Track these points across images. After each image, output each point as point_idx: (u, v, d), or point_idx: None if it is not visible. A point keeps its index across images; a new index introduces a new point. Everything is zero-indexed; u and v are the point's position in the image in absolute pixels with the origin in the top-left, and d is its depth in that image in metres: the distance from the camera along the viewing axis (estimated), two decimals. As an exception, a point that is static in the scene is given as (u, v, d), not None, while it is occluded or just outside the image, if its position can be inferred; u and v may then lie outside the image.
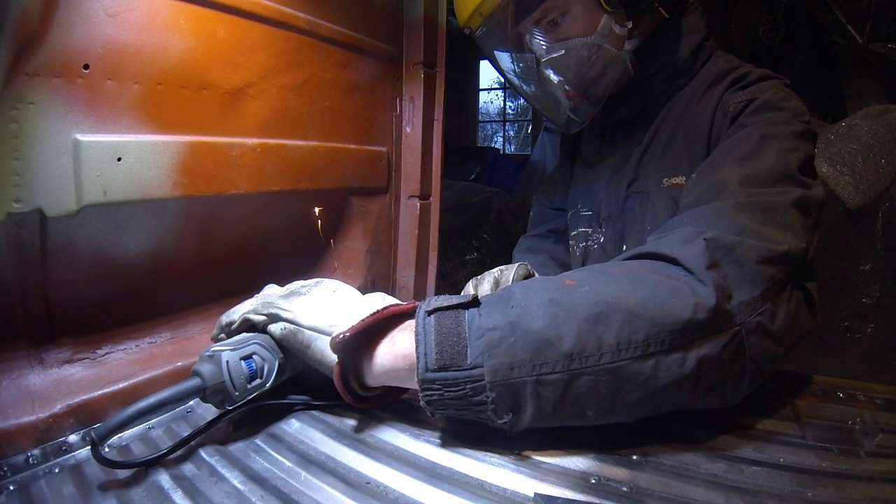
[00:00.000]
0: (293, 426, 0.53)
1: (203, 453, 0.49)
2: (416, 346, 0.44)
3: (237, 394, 0.50)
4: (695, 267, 0.46)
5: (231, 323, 0.56)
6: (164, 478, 0.45)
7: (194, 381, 0.49)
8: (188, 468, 0.47)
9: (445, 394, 0.43)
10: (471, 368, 0.43)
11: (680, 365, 0.43)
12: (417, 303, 0.49)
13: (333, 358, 0.48)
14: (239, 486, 0.43)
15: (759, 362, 0.46)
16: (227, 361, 0.50)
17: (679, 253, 0.47)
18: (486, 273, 0.87)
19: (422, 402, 0.45)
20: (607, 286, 0.45)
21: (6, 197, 0.48)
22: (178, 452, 0.49)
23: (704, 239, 0.47)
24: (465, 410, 0.44)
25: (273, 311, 0.53)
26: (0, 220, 0.48)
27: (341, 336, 0.47)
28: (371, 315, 0.48)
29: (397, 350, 0.48)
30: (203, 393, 0.49)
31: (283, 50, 0.74)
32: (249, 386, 0.51)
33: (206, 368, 0.49)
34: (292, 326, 0.52)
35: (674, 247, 0.49)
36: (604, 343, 0.42)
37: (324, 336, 0.50)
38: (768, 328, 0.46)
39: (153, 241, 0.64)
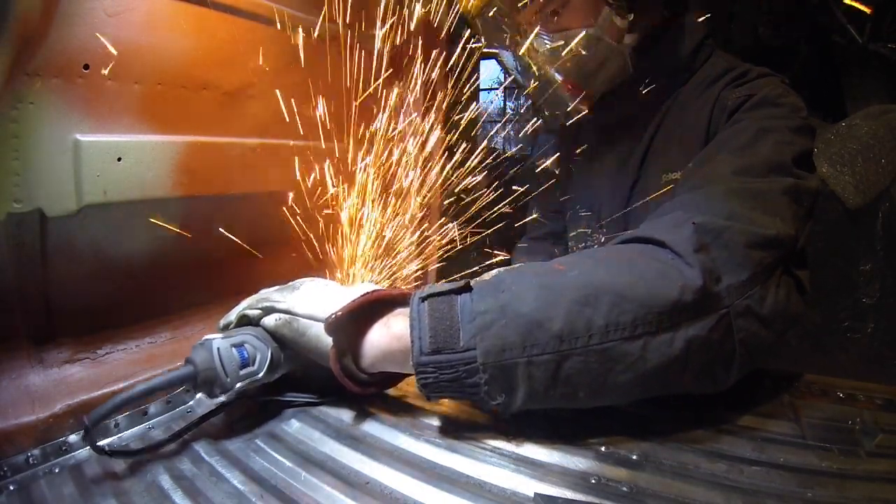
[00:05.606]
0: (293, 426, 0.53)
1: (203, 453, 0.49)
2: (411, 331, 0.45)
3: (228, 380, 0.50)
4: (683, 250, 0.47)
5: (228, 324, 0.57)
6: (164, 477, 0.45)
7: (186, 369, 0.49)
8: (188, 468, 0.47)
9: (440, 376, 0.45)
10: (464, 351, 0.44)
11: (668, 346, 0.44)
12: (410, 290, 0.50)
13: (329, 342, 0.49)
14: (239, 486, 0.43)
15: (748, 345, 0.47)
16: (218, 348, 0.50)
17: (667, 237, 0.48)
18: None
19: (417, 386, 0.46)
20: (596, 270, 0.46)
21: (6, 197, 0.49)
22: (173, 446, 0.49)
23: (693, 223, 0.48)
24: (460, 392, 0.45)
25: (268, 304, 0.54)
26: (0, 220, 0.49)
27: (334, 316, 0.48)
28: (363, 295, 0.49)
29: (392, 332, 0.49)
30: (194, 380, 0.49)
31: (283, 50, 0.74)
32: (241, 373, 0.51)
33: (197, 355, 0.50)
34: (287, 316, 0.53)
35: (662, 231, 0.49)
36: (592, 325, 0.43)
37: (319, 323, 0.50)
38: (757, 312, 0.47)
39: (153, 242, 0.64)
